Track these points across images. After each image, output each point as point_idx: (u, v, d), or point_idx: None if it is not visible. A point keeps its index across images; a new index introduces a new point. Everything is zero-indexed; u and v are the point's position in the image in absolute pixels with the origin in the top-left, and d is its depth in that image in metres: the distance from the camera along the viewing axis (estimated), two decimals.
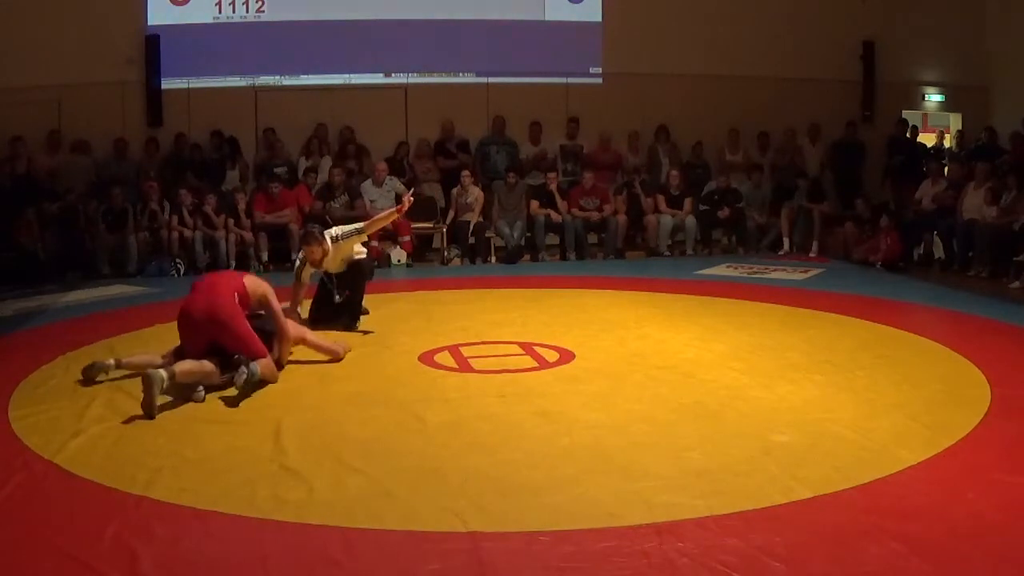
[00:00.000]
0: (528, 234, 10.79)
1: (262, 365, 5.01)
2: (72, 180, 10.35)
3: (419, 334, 6.32)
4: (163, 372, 4.69)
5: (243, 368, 4.90)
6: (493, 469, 3.85)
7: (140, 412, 4.61)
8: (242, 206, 10.20)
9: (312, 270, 6.75)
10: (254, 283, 5.34)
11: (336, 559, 3.05)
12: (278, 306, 5.43)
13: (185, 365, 4.88)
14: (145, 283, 9.21)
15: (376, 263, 8.45)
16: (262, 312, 5.39)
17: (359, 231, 6.77)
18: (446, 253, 10.71)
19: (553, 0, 12.21)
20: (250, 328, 5.15)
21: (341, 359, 5.77)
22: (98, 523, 3.30)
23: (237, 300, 5.14)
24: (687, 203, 11.11)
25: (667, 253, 10.96)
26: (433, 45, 11.94)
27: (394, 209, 7.10)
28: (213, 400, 4.88)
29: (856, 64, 12.60)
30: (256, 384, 4.97)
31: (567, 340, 6.21)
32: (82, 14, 10.85)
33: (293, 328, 5.66)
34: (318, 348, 5.78)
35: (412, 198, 7.06)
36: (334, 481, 3.73)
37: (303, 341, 5.73)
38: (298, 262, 6.83)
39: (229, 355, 5.09)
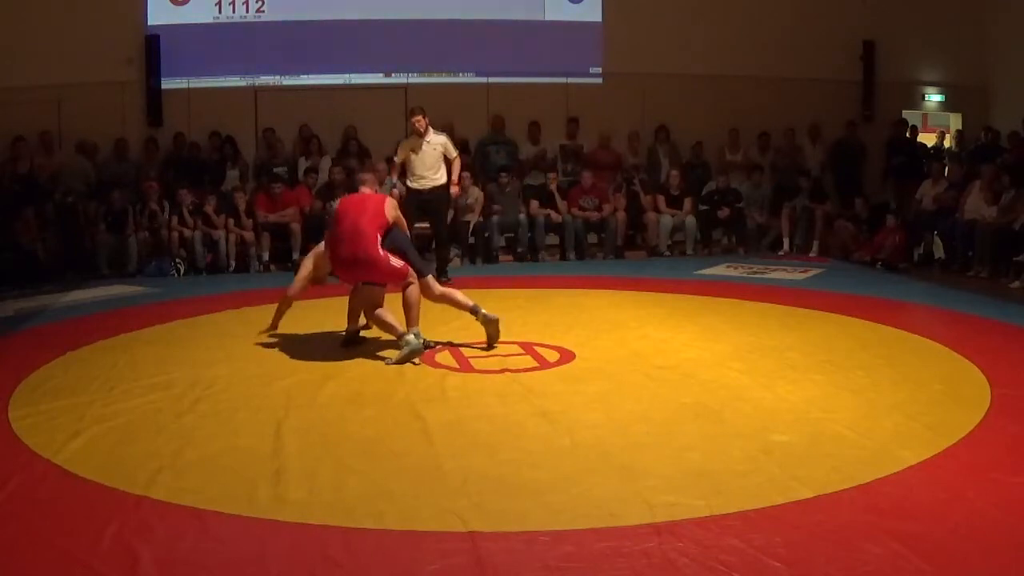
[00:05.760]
0: (528, 234, 10.78)
1: (410, 289, 5.82)
2: (72, 180, 10.35)
3: None
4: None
5: (405, 339, 5.66)
6: (493, 469, 3.85)
7: (139, 411, 4.66)
8: (242, 206, 10.20)
9: (409, 149, 8.46)
10: (391, 209, 5.93)
11: (336, 559, 3.05)
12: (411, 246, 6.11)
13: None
14: (145, 283, 9.20)
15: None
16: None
17: (453, 150, 8.67)
18: None
19: (553, 0, 12.21)
20: (390, 261, 5.74)
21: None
22: (98, 523, 3.30)
23: (379, 239, 5.75)
24: (687, 203, 11.10)
25: (667, 253, 10.95)
26: (433, 45, 11.94)
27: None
28: (214, 399, 4.89)
29: (856, 64, 12.58)
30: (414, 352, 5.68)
31: (567, 340, 6.21)
32: (82, 14, 10.84)
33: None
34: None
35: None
36: (334, 481, 3.73)
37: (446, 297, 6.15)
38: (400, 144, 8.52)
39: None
